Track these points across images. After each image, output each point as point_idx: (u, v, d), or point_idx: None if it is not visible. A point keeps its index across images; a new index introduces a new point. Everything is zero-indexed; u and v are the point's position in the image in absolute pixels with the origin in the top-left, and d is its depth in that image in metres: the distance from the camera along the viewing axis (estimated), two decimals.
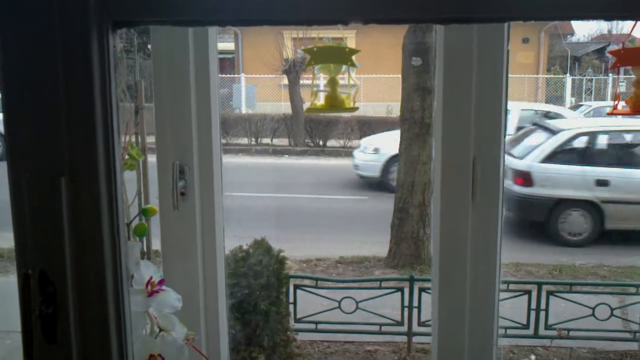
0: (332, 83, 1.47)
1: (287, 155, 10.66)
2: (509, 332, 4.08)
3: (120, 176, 0.87)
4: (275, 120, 11.34)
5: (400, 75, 6.11)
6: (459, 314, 1.44)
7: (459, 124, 1.42)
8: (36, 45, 0.83)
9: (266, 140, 11.21)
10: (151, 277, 1.25)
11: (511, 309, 3.98)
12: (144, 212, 1.26)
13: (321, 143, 11.01)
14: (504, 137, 1.46)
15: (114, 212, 0.86)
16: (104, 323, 0.86)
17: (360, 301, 4.30)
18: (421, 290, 4.28)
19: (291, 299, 4.33)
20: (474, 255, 1.42)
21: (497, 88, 1.44)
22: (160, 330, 1.29)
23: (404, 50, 5.98)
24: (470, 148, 1.42)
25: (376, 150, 8.38)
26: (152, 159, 1.60)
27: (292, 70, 11.05)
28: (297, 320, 4.33)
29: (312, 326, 4.37)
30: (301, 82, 11.30)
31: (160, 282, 1.26)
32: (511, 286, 4.28)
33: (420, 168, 5.93)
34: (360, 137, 10.99)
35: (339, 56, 1.44)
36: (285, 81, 11.73)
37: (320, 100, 1.49)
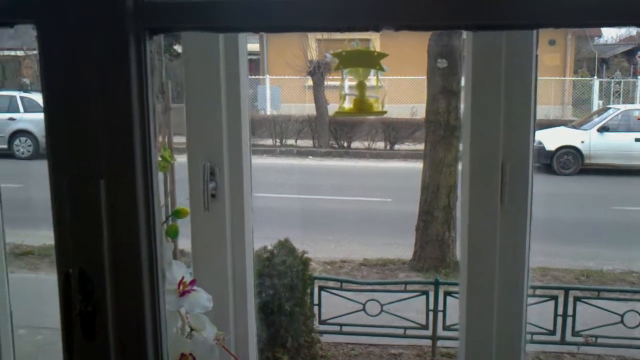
0: (361, 87, 1.48)
1: (311, 157, 10.69)
2: (535, 338, 4.04)
3: (156, 178, 0.89)
4: (299, 121, 11.37)
5: (424, 77, 6.10)
6: (486, 319, 1.44)
7: (487, 127, 1.43)
8: (75, 51, 0.85)
9: (290, 142, 11.24)
10: (183, 278, 1.27)
11: (537, 314, 3.94)
12: (176, 214, 1.29)
13: (345, 144, 11.01)
14: (533, 140, 1.46)
15: (150, 214, 0.88)
16: (140, 321, 0.88)
17: (385, 304, 4.30)
18: (446, 293, 4.27)
19: (315, 301, 4.34)
20: (502, 259, 1.42)
21: (526, 92, 1.44)
22: (191, 329, 1.31)
23: (430, 52, 5.96)
24: (499, 152, 1.42)
25: None
26: (179, 159, 1.63)
27: (317, 72, 11.06)
28: (321, 322, 4.34)
29: (337, 328, 4.38)
30: (325, 83, 11.31)
31: (192, 283, 1.29)
32: (537, 291, 4.24)
33: (445, 170, 5.90)
34: (385, 139, 10.98)
35: (367, 60, 1.45)
36: (310, 83, 11.75)
37: (349, 104, 1.50)
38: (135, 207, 0.86)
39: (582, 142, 9.18)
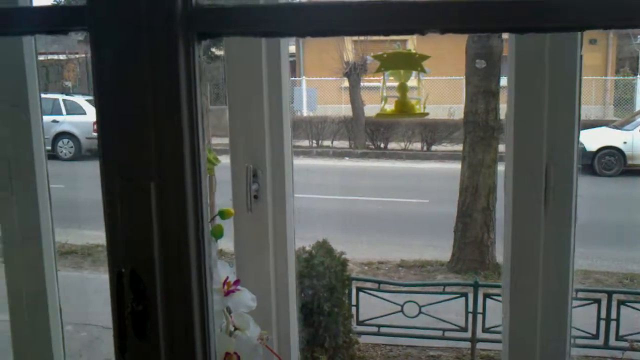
0: (402, 89, 1.49)
1: (347, 158, 10.69)
2: (578, 341, 3.97)
3: (205, 180, 0.91)
4: (335, 122, 11.39)
5: (461, 78, 6.06)
6: (530, 323, 1.42)
7: (531, 129, 1.41)
8: (126, 56, 0.88)
9: (327, 143, 11.27)
10: (227, 277, 1.29)
11: (580, 317, 3.88)
12: (221, 214, 1.31)
13: (382, 145, 10.98)
14: (578, 142, 1.44)
15: (199, 215, 0.90)
16: (189, 320, 0.90)
17: (423, 305, 4.29)
18: (486, 296, 4.24)
19: (353, 302, 4.35)
20: (546, 262, 1.41)
21: (570, 93, 1.42)
22: (235, 328, 1.33)
23: (468, 53, 5.92)
24: (543, 154, 1.40)
25: None
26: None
27: (353, 73, 11.07)
28: (359, 323, 4.36)
29: (374, 329, 4.39)
30: (362, 84, 11.31)
31: (236, 282, 1.31)
32: (580, 294, 4.17)
33: (484, 172, 5.85)
34: (422, 140, 10.92)
35: (409, 62, 1.46)
36: (346, 84, 11.76)
37: (390, 106, 1.51)
38: (184, 209, 0.88)
39: (625, 142, 8.98)
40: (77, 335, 4.53)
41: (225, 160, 1.52)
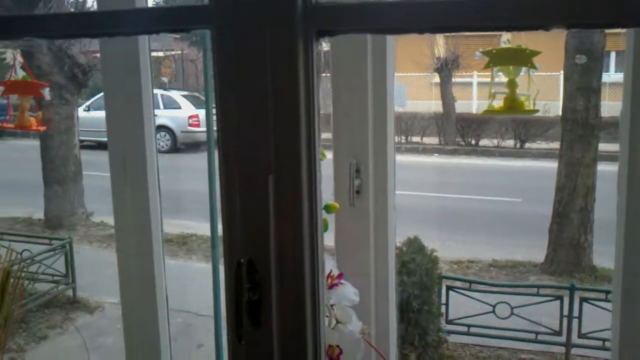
0: (512, 85, 1.45)
1: (437, 154, 10.55)
2: None
3: (319, 175, 0.93)
4: (425, 118, 11.25)
5: (557, 73, 5.84)
6: None
7: None
8: (246, 52, 0.90)
9: (416, 139, 11.15)
10: (331, 271, 1.31)
11: None
12: (327, 209, 1.33)
13: (473, 142, 10.75)
14: None
15: (313, 208, 0.92)
16: (301, 310, 0.92)
17: (516, 307, 4.18)
18: (582, 300, 4.07)
19: (443, 300, 4.30)
20: None
21: None
22: (337, 322, 1.35)
23: (567, 49, 5.70)
24: None
25: None
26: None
27: (444, 69, 10.89)
28: (448, 322, 4.30)
29: (464, 329, 4.31)
30: (453, 80, 11.11)
31: (339, 276, 1.32)
32: None
33: (582, 171, 5.62)
34: (515, 137, 10.60)
35: (519, 58, 1.42)
36: (437, 79, 11.59)
37: (499, 103, 1.47)
38: (300, 202, 0.90)
39: None
40: (172, 321, 4.72)
41: (328, 155, 1.54)
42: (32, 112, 2.25)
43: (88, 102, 10.73)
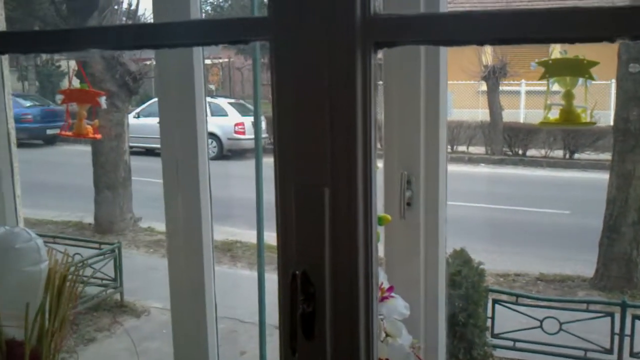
0: (568, 96, 1.42)
1: (483, 164, 10.41)
2: None
3: (375, 188, 0.92)
4: (471, 127, 11.12)
5: (608, 82, 5.71)
6: None
7: None
8: (305, 64, 0.91)
9: (462, 148, 11.03)
10: (382, 283, 1.30)
11: None
12: (378, 220, 1.32)
13: (520, 152, 10.57)
14: None
15: (368, 221, 0.91)
16: (355, 323, 0.92)
17: (564, 322, 4.09)
18: (635, 317, 3.95)
19: (489, 313, 4.23)
20: None
21: None
22: (386, 335, 1.33)
23: (620, 57, 5.56)
24: None
25: None
26: None
27: (492, 77, 10.77)
28: (494, 336, 4.22)
29: (510, 343, 4.23)
30: (500, 88, 10.97)
31: (390, 289, 1.31)
32: None
33: (635, 183, 5.47)
34: (564, 147, 10.38)
35: (576, 68, 1.39)
36: (484, 87, 11.46)
37: (555, 114, 1.44)
38: (355, 214, 0.90)
39: None
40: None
41: (378, 165, 1.53)
42: (89, 119, 2.31)
43: (138, 109, 10.97)
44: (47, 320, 1.71)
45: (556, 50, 1.61)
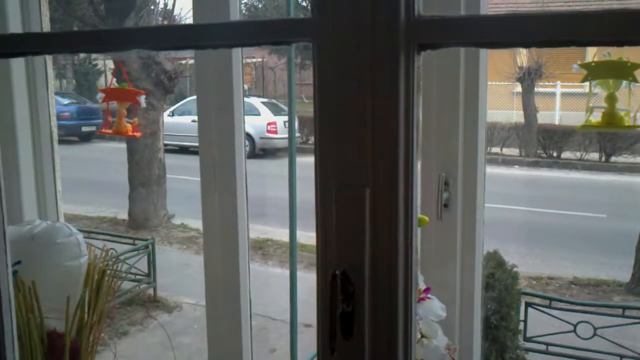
0: (611, 99, 1.40)
1: (517, 166, 10.28)
2: None
3: (417, 189, 0.92)
4: (505, 129, 10.99)
5: None
6: None
7: None
8: (348, 66, 0.91)
9: (495, 150, 10.91)
10: (418, 284, 1.30)
11: None
12: None
13: (555, 154, 10.41)
14: None
15: (409, 222, 0.91)
16: (393, 323, 0.92)
17: (599, 328, 4.01)
18: None
19: (521, 317, 4.18)
20: None
21: None
22: (422, 336, 1.33)
23: None
24: None
25: None
26: None
27: (527, 78, 10.62)
28: (526, 339, 4.17)
29: (543, 347, 4.17)
30: (535, 90, 10.82)
31: (426, 290, 1.31)
32: None
33: None
34: (600, 150, 10.20)
35: (620, 71, 1.36)
36: (518, 89, 11.31)
37: (596, 117, 1.42)
38: (396, 215, 0.90)
39: None
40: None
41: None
42: (128, 118, 2.35)
43: (172, 108, 11.10)
44: (86, 313, 1.75)
45: (593, 52, 1.59)
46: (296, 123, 4.27)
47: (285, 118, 10.22)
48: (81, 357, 1.73)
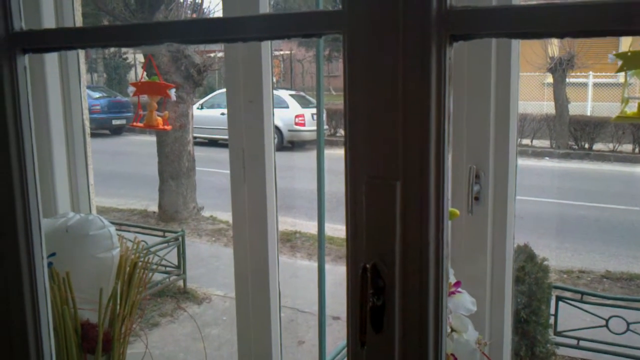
0: None
1: (547, 158, 10.13)
2: None
3: (448, 182, 0.91)
4: (536, 120, 10.84)
5: None
6: None
7: None
8: (379, 58, 0.90)
9: (526, 141, 10.77)
10: (448, 278, 1.29)
11: None
12: None
13: (587, 146, 10.24)
14: None
15: (440, 215, 0.91)
16: (424, 316, 0.91)
17: (632, 322, 3.95)
18: None
19: (552, 311, 4.13)
20: None
21: None
22: (452, 330, 1.32)
23: None
24: None
25: None
26: None
27: (558, 69, 10.45)
28: (557, 333, 4.12)
29: (574, 342, 4.12)
30: (567, 80, 10.64)
31: (457, 284, 1.30)
32: None
33: None
34: (633, 141, 10.00)
35: None
36: (549, 79, 11.14)
37: (632, 109, 1.39)
38: (427, 208, 0.89)
39: None
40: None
41: None
42: (159, 111, 2.37)
43: (201, 101, 11.18)
44: (118, 305, 1.77)
45: (628, 42, 1.55)
46: (324, 115, 4.27)
47: (313, 110, 10.24)
48: (113, 348, 1.76)
